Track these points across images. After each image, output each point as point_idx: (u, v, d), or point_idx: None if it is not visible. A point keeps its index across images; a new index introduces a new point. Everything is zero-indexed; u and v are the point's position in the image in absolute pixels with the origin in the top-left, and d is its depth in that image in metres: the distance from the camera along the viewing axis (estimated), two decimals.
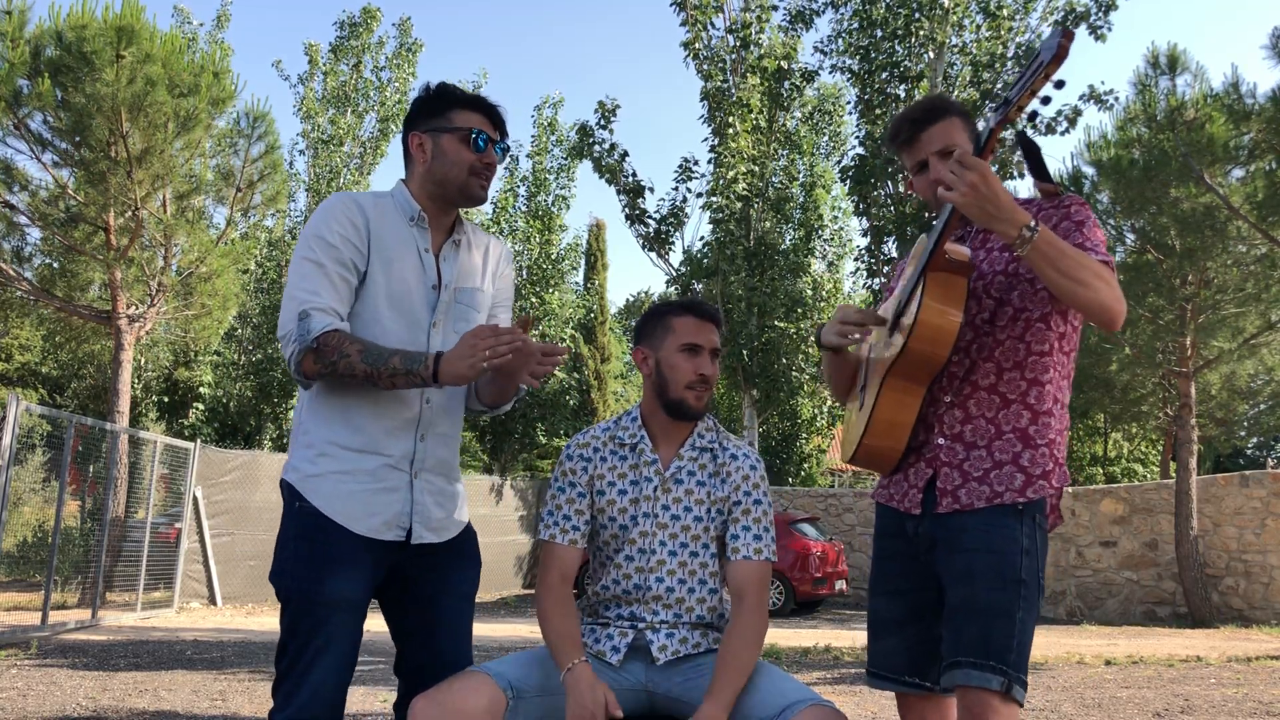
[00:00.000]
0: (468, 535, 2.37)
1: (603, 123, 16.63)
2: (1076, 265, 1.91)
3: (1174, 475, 15.00)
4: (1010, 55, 13.76)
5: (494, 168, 2.28)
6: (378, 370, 2.06)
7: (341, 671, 2.10)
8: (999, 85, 13.48)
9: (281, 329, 2.14)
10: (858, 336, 2.18)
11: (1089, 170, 13.64)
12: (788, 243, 19.31)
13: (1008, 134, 13.48)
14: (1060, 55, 1.70)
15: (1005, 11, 13.85)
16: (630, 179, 16.48)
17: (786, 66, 17.21)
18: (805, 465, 26.00)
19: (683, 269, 17.23)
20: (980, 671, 1.92)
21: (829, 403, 24.33)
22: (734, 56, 16.90)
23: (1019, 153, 13.71)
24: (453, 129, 2.24)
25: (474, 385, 2.34)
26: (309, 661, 2.07)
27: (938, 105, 2.20)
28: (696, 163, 17.16)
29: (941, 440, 2.13)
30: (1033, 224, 1.87)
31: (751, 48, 16.81)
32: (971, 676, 1.93)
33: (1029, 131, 13.81)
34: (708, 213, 16.84)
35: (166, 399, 22.18)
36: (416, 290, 2.24)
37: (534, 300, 22.38)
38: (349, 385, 2.16)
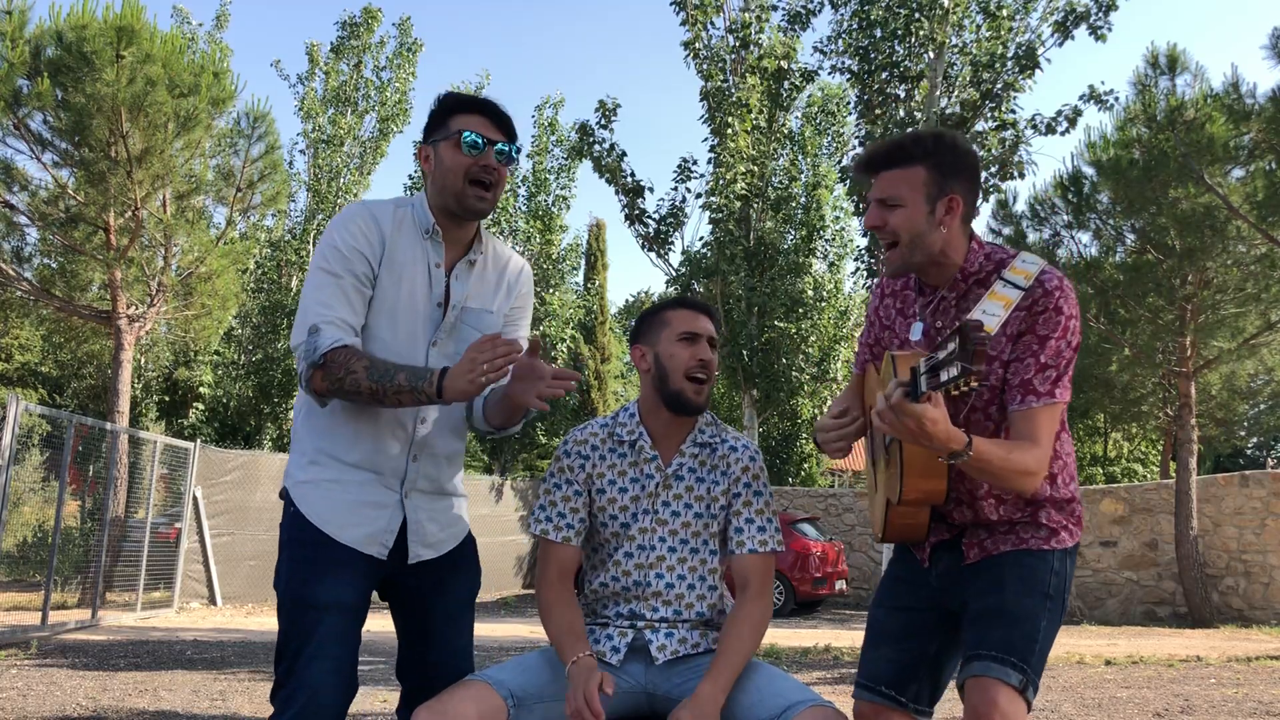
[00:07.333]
0: (466, 543, 2.36)
1: (603, 122, 16.61)
2: (999, 473, 1.95)
3: (1174, 475, 15.00)
4: (1010, 55, 13.74)
5: (493, 171, 2.17)
6: (383, 387, 2.02)
7: (338, 676, 2.08)
8: (999, 85, 13.47)
9: (294, 340, 2.12)
10: (852, 429, 2.24)
11: (1089, 170, 13.64)
12: (788, 243, 19.30)
13: (1008, 133, 13.47)
14: (978, 356, 1.60)
15: (1005, 11, 13.83)
16: (629, 179, 16.47)
17: (786, 66, 17.20)
18: (805, 465, 26.02)
19: (682, 269, 17.22)
20: (1001, 665, 1.96)
21: (829, 403, 24.30)
22: (734, 56, 16.89)
23: (1018, 154, 13.74)
24: (449, 134, 2.17)
25: (481, 407, 2.30)
26: (305, 665, 2.06)
27: (904, 149, 2.08)
28: (696, 163, 17.15)
29: (967, 520, 2.19)
30: (965, 447, 1.87)
31: (751, 48, 16.80)
32: (991, 668, 1.96)
33: (1028, 132, 13.74)
34: (707, 213, 16.83)
35: (166, 399, 22.16)
36: (421, 307, 2.20)
37: (534, 301, 22.40)
38: (347, 401, 2.14)
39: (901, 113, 13.86)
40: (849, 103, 20.60)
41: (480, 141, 2.16)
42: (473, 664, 2.33)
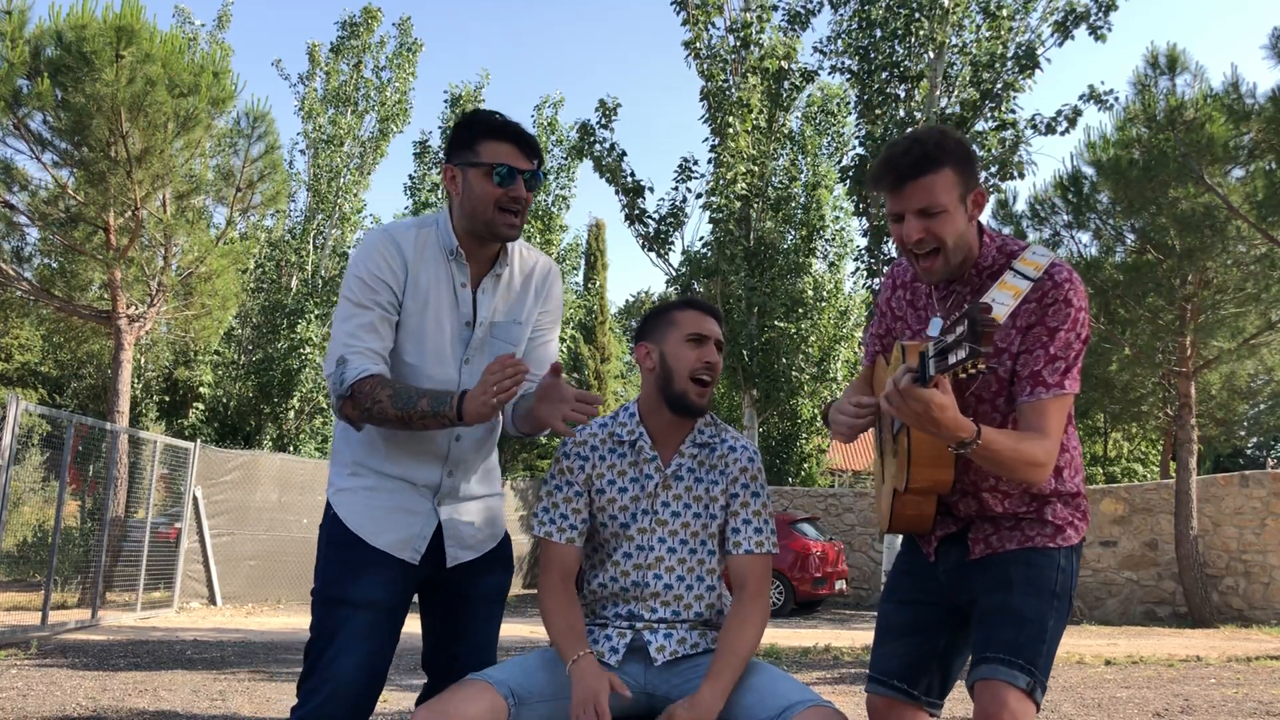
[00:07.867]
0: (503, 542, 2.43)
1: (603, 122, 16.61)
2: (1007, 464, 1.95)
3: (1174, 475, 15.00)
4: (1010, 55, 13.74)
5: (523, 201, 2.22)
6: (408, 414, 2.09)
7: (364, 672, 2.14)
8: (999, 85, 13.47)
9: (326, 371, 2.21)
10: (865, 420, 2.19)
11: (1089, 170, 13.64)
12: (788, 243, 19.31)
13: (1008, 133, 13.47)
14: (986, 339, 1.59)
15: (1005, 11, 13.84)
16: (629, 179, 16.47)
17: (786, 66, 17.20)
18: (805, 465, 26.01)
19: (683, 269, 17.22)
20: (1009, 669, 1.98)
21: (829, 402, 24.29)
22: (734, 56, 16.89)
23: (1018, 154, 13.74)
24: (478, 163, 2.20)
25: (511, 415, 2.35)
26: (330, 660, 2.12)
27: (930, 155, 2.00)
28: (696, 163, 17.15)
29: (972, 512, 2.19)
30: (974, 436, 1.87)
31: (752, 48, 16.80)
32: (999, 671, 1.98)
33: (1028, 132, 13.72)
34: (707, 213, 16.83)
35: (166, 399, 22.16)
36: (449, 327, 2.25)
37: None
38: (380, 427, 2.20)
39: (901, 113, 13.87)
40: (849, 103, 20.61)
41: (512, 173, 2.20)
42: (495, 660, 2.37)
